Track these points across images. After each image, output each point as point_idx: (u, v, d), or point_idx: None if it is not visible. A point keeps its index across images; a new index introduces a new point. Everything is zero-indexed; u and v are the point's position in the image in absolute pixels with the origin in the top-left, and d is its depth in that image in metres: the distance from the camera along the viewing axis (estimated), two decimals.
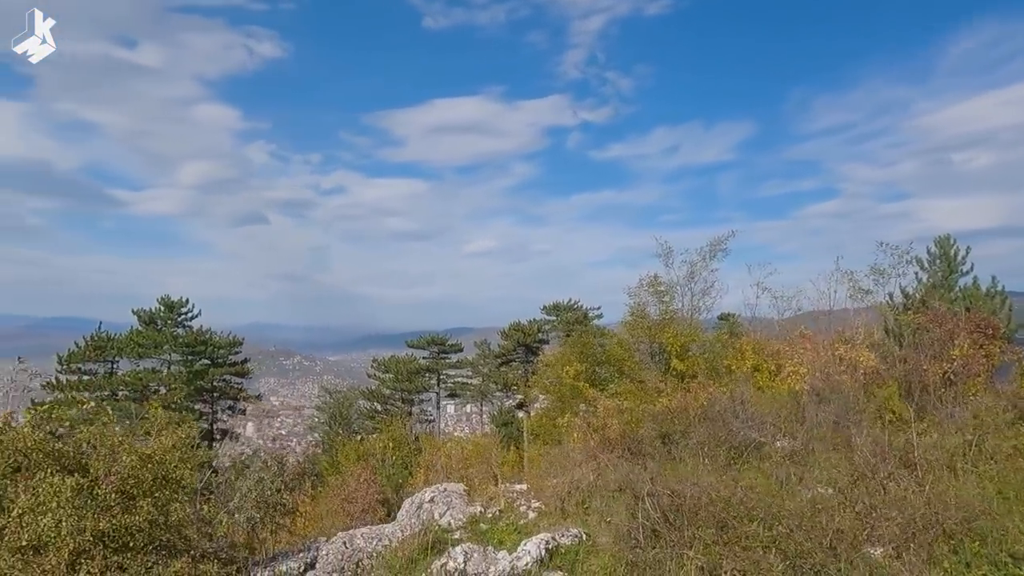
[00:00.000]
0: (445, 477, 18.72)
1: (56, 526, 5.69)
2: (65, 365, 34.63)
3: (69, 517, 5.72)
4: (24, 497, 5.84)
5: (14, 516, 5.76)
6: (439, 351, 51.85)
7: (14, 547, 5.73)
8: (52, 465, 6.18)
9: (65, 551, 5.68)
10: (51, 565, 5.63)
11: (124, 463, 6.31)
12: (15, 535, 5.73)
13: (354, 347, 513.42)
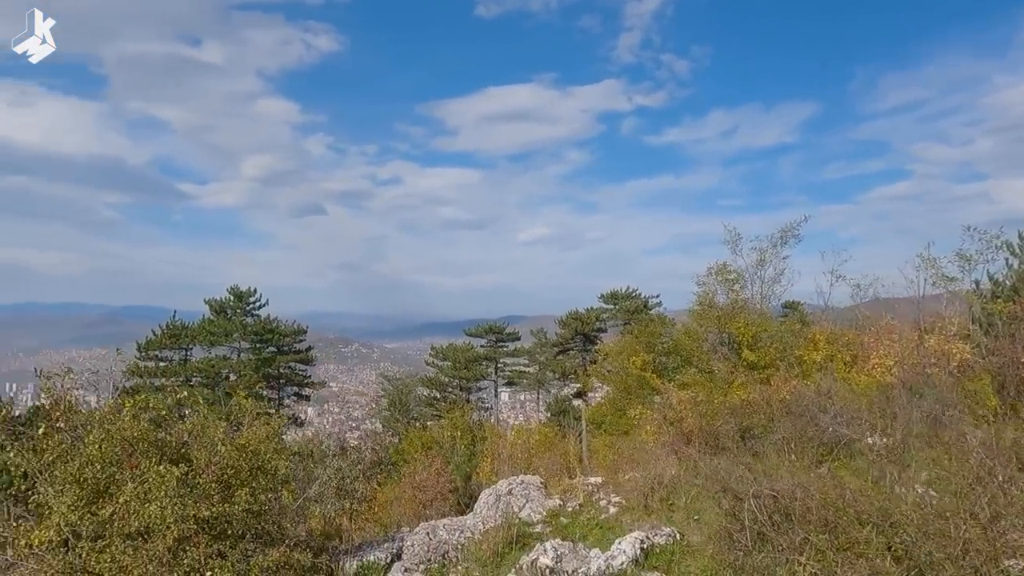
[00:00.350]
0: (511, 468, 18.71)
1: (162, 513, 5.83)
2: (144, 352, 36.33)
3: (174, 505, 5.85)
4: (131, 484, 6.01)
5: (122, 503, 5.93)
6: (497, 339, 52.05)
7: (124, 533, 5.91)
8: (156, 454, 6.35)
9: (170, 537, 5.83)
10: (158, 551, 5.78)
11: (223, 454, 6.43)
12: (124, 521, 5.91)
13: (410, 335, 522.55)
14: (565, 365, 49.73)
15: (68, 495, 5.96)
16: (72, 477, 6.03)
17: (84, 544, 5.92)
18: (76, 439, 6.44)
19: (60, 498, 5.97)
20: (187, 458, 6.51)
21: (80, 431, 6.48)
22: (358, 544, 8.21)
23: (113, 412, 6.50)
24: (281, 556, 6.34)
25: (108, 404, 6.82)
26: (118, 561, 5.69)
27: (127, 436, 6.28)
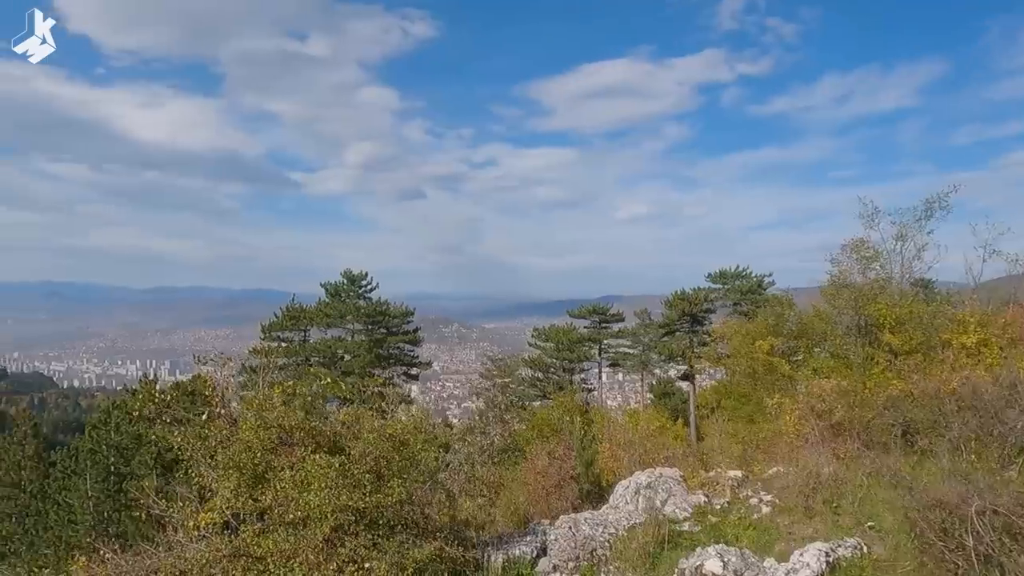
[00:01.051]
0: (629, 455, 18.14)
1: (320, 503, 5.83)
2: (267, 333, 38.64)
3: (331, 494, 5.83)
4: (289, 473, 6.05)
5: (281, 491, 5.98)
6: (600, 320, 51.32)
7: (284, 520, 5.97)
8: (311, 443, 6.39)
9: (326, 526, 5.82)
10: (317, 541, 5.78)
11: (375, 444, 6.37)
12: (283, 508, 5.96)
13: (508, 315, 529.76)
14: (671, 347, 48.30)
15: (230, 480, 6.08)
16: (232, 463, 6.15)
17: (247, 528, 6.03)
18: (233, 425, 6.58)
19: (223, 482, 6.11)
20: (340, 448, 6.51)
21: (237, 417, 6.62)
22: (499, 535, 8.04)
23: (267, 399, 6.57)
24: (435, 550, 6.23)
25: (260, 391, 6.93)
26: (280, 547, 5.73)
27: (283, 425, 6.34)
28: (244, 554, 5.76)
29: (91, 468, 24.04)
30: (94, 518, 22.94)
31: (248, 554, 5.76)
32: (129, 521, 22.78)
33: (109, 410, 28.20)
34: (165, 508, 6.46)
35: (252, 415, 6.32)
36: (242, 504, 6.11)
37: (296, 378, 8.96)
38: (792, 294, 24.07)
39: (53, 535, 23.54)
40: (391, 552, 5.96)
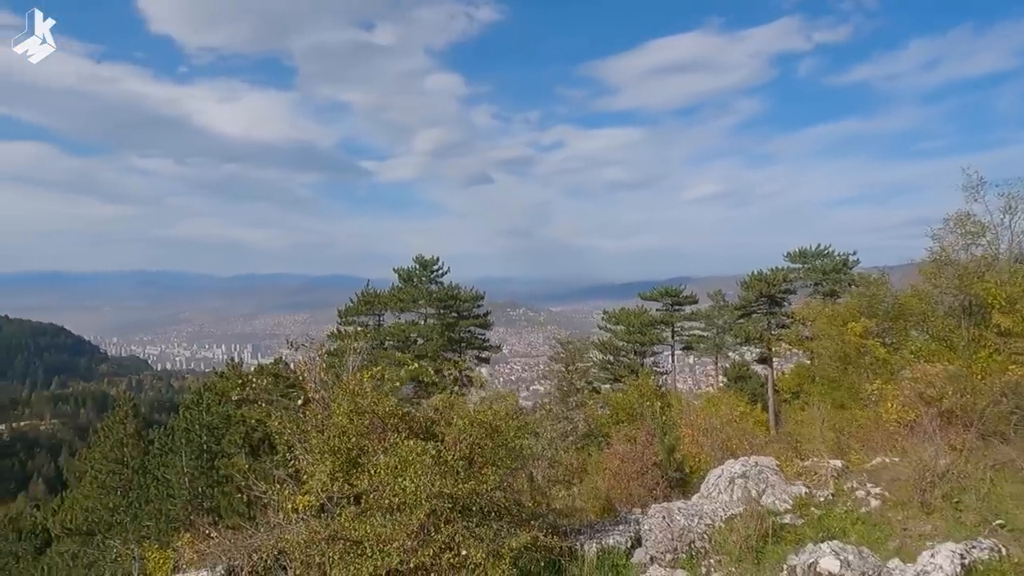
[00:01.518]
0: (711, 442, 17.55)
1: (416, 489, 5.78)
2: (343, 318, 39.76)
3: (426, 480, 5.77)
4: (383, 458, 6.03)
5: (376, 476, 5.97)
6: (672, 303, 50.11)
7: (380, 506, 5.97)
8: (404, 429, 6.36)
9: (421, 512, 5.77)
10: (413, 526, 5.74)
11: (468, 431, 6.27)
12: (379, 494, 5.96)
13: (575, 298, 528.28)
14: (748, 329, 46.65)
15: (326, 464, 6.12)
16: (327, 447, 6.19)
17: (344, 512, 6.07)
18: (326, 410, 6.63)
19: (319, 466, 6.15)
20: (433, 434, 6.46)
21: (330, 402, 6.66)
22: (590, 523, 7.84)
23: (358, 384, 6.57)
24: (531, 538, 6.10)
25: (351, 377, 6.95)
26: (377, 532, 5.72)
27: (378, 411, 6.33)
28: (342, 537, 5.78)
29: (186, 446, 25.39)
30: (190, 493, 24.22)
31: (345, 537, 5.77)
32: (221, 496, 23.98)
33: (200, 392, 29.69)
34: (264, 490, 6.59)
35: (345, 401, 6.34)
36: (338, 488, 6.15)
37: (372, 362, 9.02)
38: (887, 272, 22.55)
39: (154, 508, 25.05)
40: (487, 540, 5.86)
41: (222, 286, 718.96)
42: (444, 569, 5.75)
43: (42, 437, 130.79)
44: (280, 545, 6.10)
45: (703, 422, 18.90)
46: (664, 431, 15.31)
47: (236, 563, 6.20)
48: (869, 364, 17.40)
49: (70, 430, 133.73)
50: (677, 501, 8.28)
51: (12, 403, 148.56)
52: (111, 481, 28.89)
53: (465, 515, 6.08)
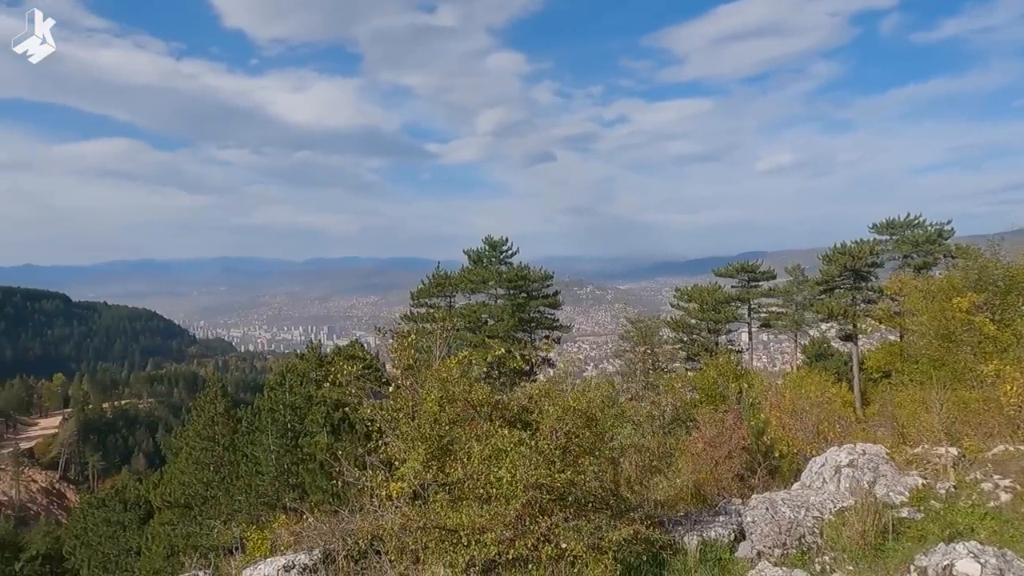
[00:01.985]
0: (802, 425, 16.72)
1: (512, 478, 5.61)
2: (415, 300, 40.34)
3: (524, 470, 5.59)
4: (477, 447, 5.89)
5: (471, 465, 5.84)
6: (749, 279, 48.32)
7: (476, 495, 5.84)
8: (497, 417, 6.20)
9: (518, 503, 5.59)
10: (510, 517, 5.58)
11: (565, 419, 6.03)
12: (474, 483, 5.82)
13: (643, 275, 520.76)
14: (831, 305, 44.47)
15: (420, 451, 6.03)
16: (418, 434, 6.09)
17: (438, 500, 5.98)
18: (416, 396, 6.54)
19: (411, 454, 6.07)
20: (526, 422, 6.27)
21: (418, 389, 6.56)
22: (686, 513, 7.49)
23: (448, 370, 6.43)
24: (633, 531, 5.83)
25: (440, 362, 6.82)
26: (473, 521, 5.59)
27: (470, 399, 6.18)
28: (437, 526, 5.68)
29: (271, 425, 26.39)
30: (276, 469, 25.18)
31: (441, 526, 5.67)
32: (305, 473, 24.84)
33: (283, 373, 30.79)
34: (357, 476, 6.59)
35: (435, 388, 6.22)
36: (432, 476, 6.05)
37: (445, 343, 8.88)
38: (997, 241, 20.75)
39: (244, 483, 26.22)
40: (586, 533, 5.64)
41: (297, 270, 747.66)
42: (542, 562, 5.57)
43: (141, 415, 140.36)
44: (375, 531, 6.08)
45: (790, 403, 18.05)
46: (756, 411, 14.63)
47: (332, 547, 6.23)
48: (977, 342, 16.10)
49: (165, 408, 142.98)
50: (780, 491, 7.80)
51: (113, 383, 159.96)
52: (204, 457, 30.42)
53: (562, 506, 5.87)
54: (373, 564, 6.07)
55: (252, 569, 6.10)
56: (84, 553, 36.74)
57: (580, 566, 5.51)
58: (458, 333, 37.50)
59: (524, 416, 6.38)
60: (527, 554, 5.57)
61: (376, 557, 6.14)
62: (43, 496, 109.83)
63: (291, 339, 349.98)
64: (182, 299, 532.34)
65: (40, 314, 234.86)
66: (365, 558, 6.20)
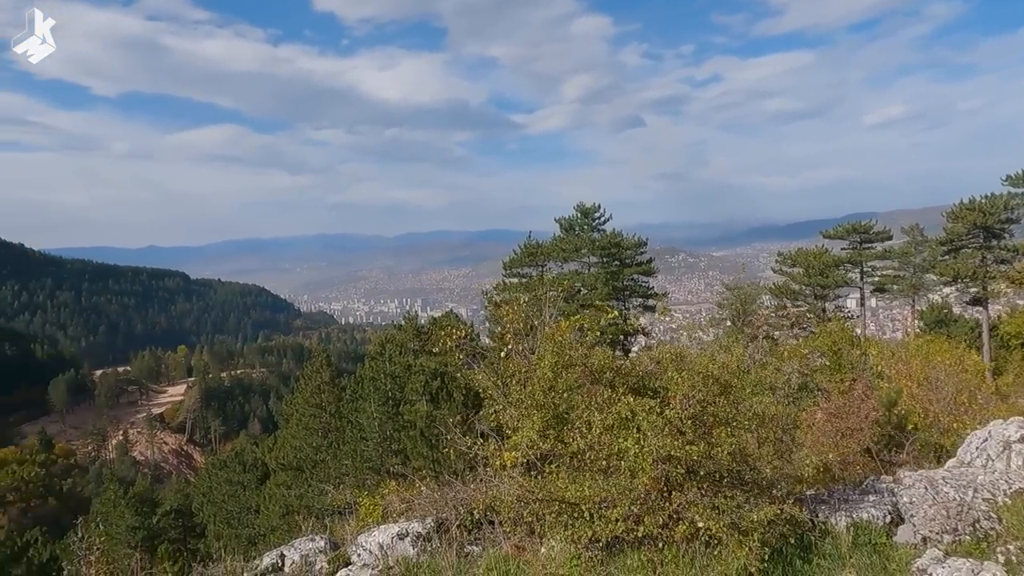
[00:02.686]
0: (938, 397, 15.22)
1: (640, 450, 5.14)
2: (508, 270, 40.27)
3: (654, 441, 5.10)
4: (599, 416, 5.45)
5: (593, 435, 5.41)
6: (861, 240, 44.86)
7: (598, 467, 5.43)
8: (620, 384, 5.73)
9: (646, 477, 5.12)
10: (639, 491, 5.13)
11: (700, 387, 5.47)
12: (595, 455, 5.41)
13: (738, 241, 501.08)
14: (957, 267, 40.55)
15: (536, 420, 5.65)
16: (532, 401, 5.72)
17: (556, 472, 5.61)
18: (528, 361, 6.16)
19: (526, 422, 5.71)
20: (651, 389, 5.75)
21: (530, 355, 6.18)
22: (829, 492, 6.74)
23: (562, 334, 5.98)
24: (777, 511, 5.22)
25: (550, 324, 6.40)
26: (597, 495, 5.17)
27: (589, 364, 5.73)
28: (557, 498, 5.30)
29: (373, 393, 27.18)
30: (379, 435, 25.95)
31: (560, 499, 5.28)
32: (407, 440, 25.49)
33: (383, 343, 31.66)
34: (469, 444, 6.32)
35: (549, 353, 5.81)
36: (550, 446, 5.67)
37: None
38: None
39: (350, 448, 27.25)
40: (728, 511, 5.08)
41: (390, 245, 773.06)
42: (674, 541, 5.09)
43: (254, 383, 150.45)
44: (489, 501, 5.80)
45: (919, 372, 16.49)
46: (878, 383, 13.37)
47: (444, 516, 6.02)
48: None
49: (276, 377, 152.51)
50: (937, 469, 6.90)
51: (229, 354, 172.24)
52: (313, 423, 31.89)
53: (696, 481, 5.33)
54: (487, 535, 5.80)
55: (367, 535, 5.99)
56: (210, 510, 39.83)
57: (720, 548, 4.99)
58: (552, 301, 37.21)
59: (648, 383, 5.85)
60: (656, 532, 5.09)
61: (490, 528, 5.87)
62: (173, 457, 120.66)
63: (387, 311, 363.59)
64: (286, 275, 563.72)
65: (164, 291, 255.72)
66: (479, 528, 5.95)
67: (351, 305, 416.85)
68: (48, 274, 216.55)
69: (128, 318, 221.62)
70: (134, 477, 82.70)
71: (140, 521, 36.15)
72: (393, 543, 5.73)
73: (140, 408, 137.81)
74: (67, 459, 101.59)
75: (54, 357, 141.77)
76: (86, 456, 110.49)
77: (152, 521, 37.48)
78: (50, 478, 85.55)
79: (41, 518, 69.39)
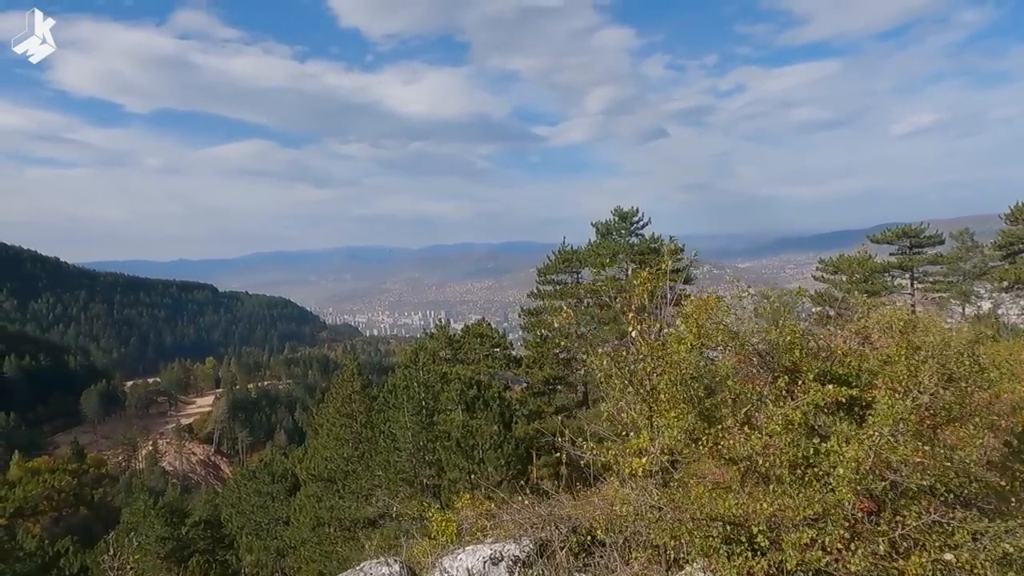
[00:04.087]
0: None
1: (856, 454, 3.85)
2: (542, 277, 39.20)
3: (871, 443, 3.84)
4: (777, 409, 4.27)
5: (770, 429, 4.21)
6: (910, 245, 42.95)
7: (774, 477, 4.25)
8: (808, 368, 4.54)
9: (849, 492, 3.86)
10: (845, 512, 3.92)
11: (923, 372, 4.26)
12: (768, 460, 4.22)
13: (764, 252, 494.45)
14: (1017, 271, 38.50)
15: (680, 416, 4.51)
16: (678, 395, 4.59)
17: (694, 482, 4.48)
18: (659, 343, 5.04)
19: (667, 418, 4.57)
20: (840, 378, 4.56)
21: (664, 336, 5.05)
22: None
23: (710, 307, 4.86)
24: None
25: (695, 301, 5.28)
26: (798, 513, 3.92)
27: (751, 345, 4.59)
28: (712, 516, 4.13)
29: (407, 402, 26.19)
30: (413, 446, 24.92)
31: (719, 517, 4.10)
32: (441, 450, 24.44)
33: (416, 352, 30.74)
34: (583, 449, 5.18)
35: (690, 331, 4.70)
36: (706, 448, 4.50)
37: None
38: None
39: (382, 459, 26.25)
40: (993, 538, 3.76)
41: (415, 257, 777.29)
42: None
43: (281, 395, 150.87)
44: (609, 519, 4.68)
45: None
46: None
47: (545, 536, 4.91)
48: None
49: (302, 388, 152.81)
50: None
51: (256, 365, 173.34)
52: (344, 433, 31.01)
53: (929, 498, 4.06)
54: (602, 560, 4.67)
55: (451, 558, 4.91)
56: (239, 521, 39.09)
57: None
58: (587, 309, 36.06)
59: (837, 370, 4.64)
60: (871, 566, 3.79)
61: (602, 550, 4.75)
62: (201, 467, 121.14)
63: (411, 323, 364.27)
64: (312, 287, 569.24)
65: (193, 303, 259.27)
66: (587, 552, 4.83)
67: (375, 317, 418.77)
68: (82, 287, 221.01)
69: (158, 330, 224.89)
70: (163, 487, 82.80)
71: (170, 532, 35.53)
72: (485, 568, 4.66)
73: (169, 418, 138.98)
74: (98, 468, 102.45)
75: (87, 368, 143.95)
76: (117, 466, 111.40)
77: (181, 532, 36.86)
78: (81, 487, 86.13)
79: (73, 527, 69.59)
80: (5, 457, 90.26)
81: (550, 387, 34.54)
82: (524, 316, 39.80)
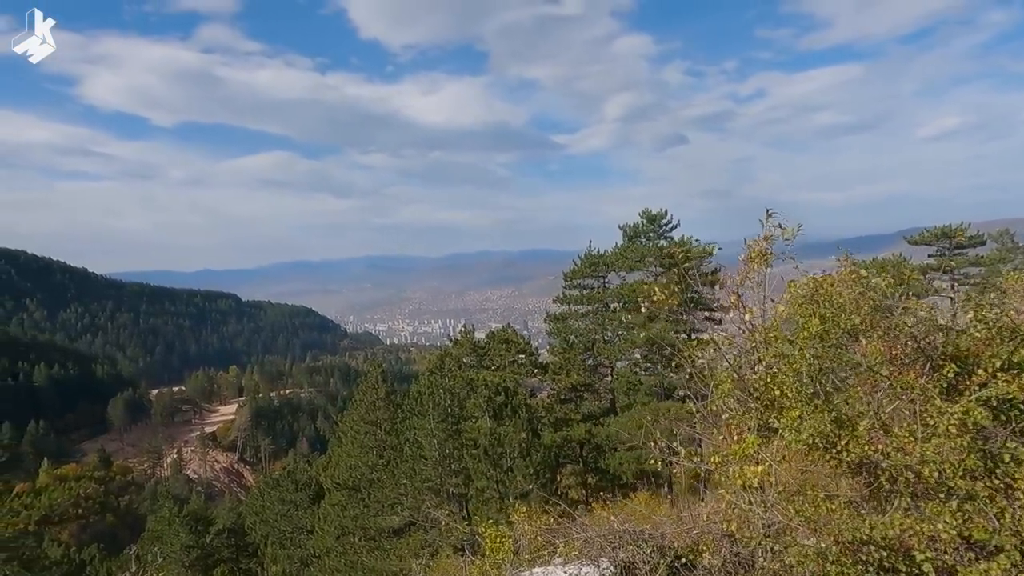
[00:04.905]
0: None
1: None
2: (568, 281, 38.49)
3: None
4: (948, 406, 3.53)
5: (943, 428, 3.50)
6: (951, 246, 41.51)
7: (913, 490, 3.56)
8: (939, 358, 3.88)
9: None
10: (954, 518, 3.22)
11: None
12: (931, 469, 3.49)
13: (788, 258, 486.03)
14: None
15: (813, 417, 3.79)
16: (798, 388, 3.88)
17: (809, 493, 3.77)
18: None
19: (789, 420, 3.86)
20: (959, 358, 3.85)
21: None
22: None
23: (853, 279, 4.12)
24: None
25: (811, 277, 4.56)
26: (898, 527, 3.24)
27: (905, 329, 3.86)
28: (866, 540, 3.38)
29: (432, 409, 25.58)
30: (439, 454, 24.28)
31: (869, 540, 3.37)
32: (468, 458, 23.76)
33: (442, 358, 30.15)
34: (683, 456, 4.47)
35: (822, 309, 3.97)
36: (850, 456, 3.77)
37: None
38: None
39: (408, 467, 25.65)
40: None
41: (435, 266, 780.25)
42: None
43: (303, 403, 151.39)
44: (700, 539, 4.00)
45: None
46: None
47: (625, 556, 4.22)
48: None
49: (323, 397, 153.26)
50: None
51: (279, 374, 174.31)
52: (368, 441, 30.48)
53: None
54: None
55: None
56: (262, 529, 38.71)
57: None
58: (612, 314, 35.25)
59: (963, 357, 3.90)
60: None
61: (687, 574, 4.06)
62: (225, 475, 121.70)
63: (431, 332, 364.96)
64: (334, 296, 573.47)
65: (217, 313, 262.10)
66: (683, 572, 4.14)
67: (396, 326, 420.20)
68: (109, 297, 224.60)
69: (183, 339, 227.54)
70: (188, 495, 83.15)
71: (194, 540, 35.27)
72: None
73: (194, 426, 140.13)
74: (124, 476, 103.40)
75: (113, 376, 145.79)
76: (142, 473, 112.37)
77: (206, 540, 36.59)
78: (108, 495, 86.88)
79: (99, 534, 70.02)
80: (35, 464, 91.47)
81: (577, 394, 33.70)
82: (550, 321, 39.00)
